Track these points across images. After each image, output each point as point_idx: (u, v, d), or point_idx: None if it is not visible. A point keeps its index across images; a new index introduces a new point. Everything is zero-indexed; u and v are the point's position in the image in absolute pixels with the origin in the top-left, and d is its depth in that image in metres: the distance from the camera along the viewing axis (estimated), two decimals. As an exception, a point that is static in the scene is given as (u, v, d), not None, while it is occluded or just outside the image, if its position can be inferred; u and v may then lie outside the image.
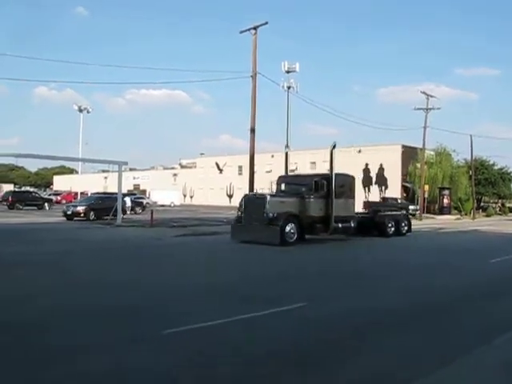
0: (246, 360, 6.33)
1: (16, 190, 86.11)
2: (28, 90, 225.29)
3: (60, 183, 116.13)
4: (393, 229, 27.00)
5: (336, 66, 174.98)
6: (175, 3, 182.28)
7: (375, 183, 69.03)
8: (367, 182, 69.47)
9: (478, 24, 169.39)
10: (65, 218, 36.56)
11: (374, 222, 27.01)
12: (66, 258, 16.46)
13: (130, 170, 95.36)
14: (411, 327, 8.25)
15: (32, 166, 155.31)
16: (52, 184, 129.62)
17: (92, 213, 36.76)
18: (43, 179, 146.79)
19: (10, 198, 55.10)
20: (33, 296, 10.09)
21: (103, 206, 36.88)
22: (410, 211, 54.87)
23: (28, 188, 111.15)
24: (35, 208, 53.01)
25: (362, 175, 69.50)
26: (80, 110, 58.66)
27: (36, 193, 67.59)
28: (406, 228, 28.24)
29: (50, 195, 76.11)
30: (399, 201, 59.32)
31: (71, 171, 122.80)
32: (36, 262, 14.98)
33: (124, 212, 37.47)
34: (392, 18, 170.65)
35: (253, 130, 32.03)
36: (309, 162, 73.97)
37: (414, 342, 7.32)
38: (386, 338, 7.50)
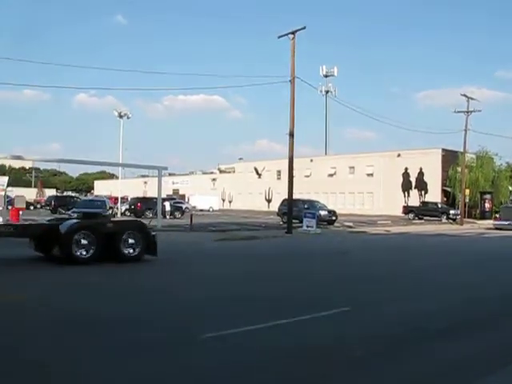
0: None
1: (58, 194, 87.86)
2: (69, 96, 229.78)
3: (100, 188, 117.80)
4: (91, 250, 15.26)
5: (375, 69, 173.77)
6: (211, 7, 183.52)
7: (415, 188, 68.11)
8: (407, 187, 68.64)
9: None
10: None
11: (58, 236, 15.28)
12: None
13: (170, 174, 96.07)
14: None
15: (73, 171, 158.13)
16: (93, 189, 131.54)
17: None
18: (84, 184, 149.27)
19: (53, 203, 56.27)
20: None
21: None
22: (451, 216, 54.17)
23: (70, 193, 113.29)
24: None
25: (401, 179, 68.85)
26: (120, 116, 59.18)
27: (78, 197, 68.89)
28: (136, 248, 16.06)
29: (91, 200, 77.27)
30: (439, 205, 58.54)
31: (111, 176, 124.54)
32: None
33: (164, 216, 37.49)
34: (432, 21, 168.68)
35: (291, 135, 31.99)
36: (347, 167, 73.54)
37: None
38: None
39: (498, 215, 46.94)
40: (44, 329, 7.95)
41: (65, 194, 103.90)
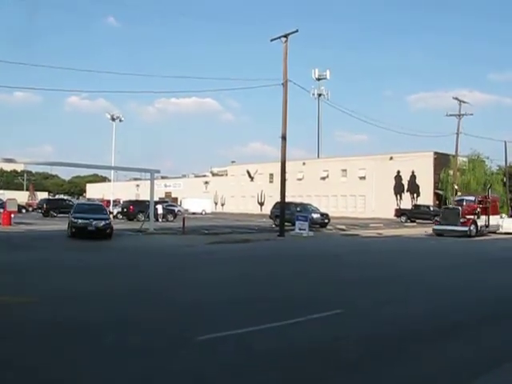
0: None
1: (50, 197, 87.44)
2: (61, 99, 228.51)
3: (93, 191, 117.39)
4: None
5: (367, 72, 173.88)
6: (204, 10, 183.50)
7: (407, 191, 68.33)
8: (399, 190, 68.86)
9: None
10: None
11: None
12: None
13: (162, 177, 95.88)
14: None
15: (65, 174, 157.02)
16: (85, 192, 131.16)
17: None
18: (76, 187, 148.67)
19: (45, 206, 55.92)
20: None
21: None
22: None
23: (62, 196, 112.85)
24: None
25: (393, 182, 69.02)
26: (112, 119, 59.10)
27: (70, 201, 68.39)
28: None
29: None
30: (431, 208, 58.63)
31: (104, 179, 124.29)
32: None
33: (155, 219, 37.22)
34: (424, 25, 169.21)
35: (284, 138, 31.99)
36: (340, 170, 73.65)
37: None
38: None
39: (437, 218, 38.83)
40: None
41: (57, 197, 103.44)
